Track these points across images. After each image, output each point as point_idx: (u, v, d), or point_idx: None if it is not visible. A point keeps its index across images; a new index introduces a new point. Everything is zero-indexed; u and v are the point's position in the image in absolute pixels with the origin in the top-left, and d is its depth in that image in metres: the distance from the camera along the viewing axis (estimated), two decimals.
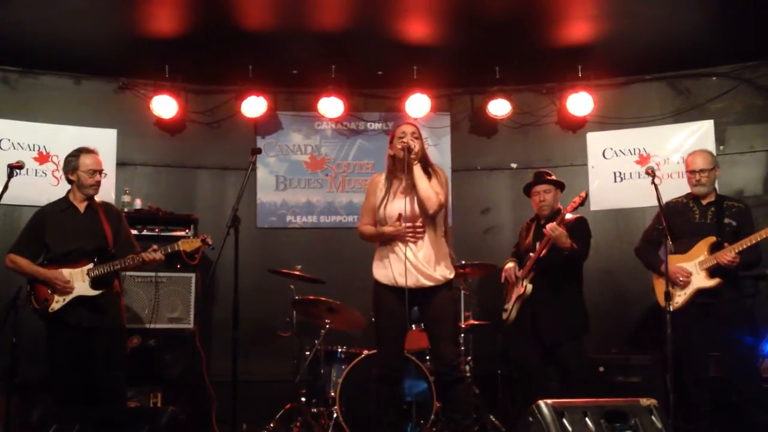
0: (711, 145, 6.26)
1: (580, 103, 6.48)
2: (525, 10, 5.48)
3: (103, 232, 4.68)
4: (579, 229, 5.12)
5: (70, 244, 4.62)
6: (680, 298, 4.76)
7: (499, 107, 6.59)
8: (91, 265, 4.58)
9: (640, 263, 6.29)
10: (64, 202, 4.76)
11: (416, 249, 4.14)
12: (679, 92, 6.56)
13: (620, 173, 6.60)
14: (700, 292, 4.71)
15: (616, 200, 6.55)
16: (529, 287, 5.10)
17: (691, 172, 4.94)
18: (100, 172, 4.74)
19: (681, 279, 4.75)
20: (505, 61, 6.41)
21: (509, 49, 6.13)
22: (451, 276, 4.26)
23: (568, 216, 5.01)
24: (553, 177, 5.34)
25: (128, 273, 5.55)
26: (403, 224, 4.15)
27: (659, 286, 4.84)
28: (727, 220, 4.81)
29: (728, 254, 4.59)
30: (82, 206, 4.73)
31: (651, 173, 4.65)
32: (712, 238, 4.74)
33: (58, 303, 4.53)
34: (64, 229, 4.66)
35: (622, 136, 6.63)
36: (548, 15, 5.57)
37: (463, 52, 6.22)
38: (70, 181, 4.74)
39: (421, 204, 4.13)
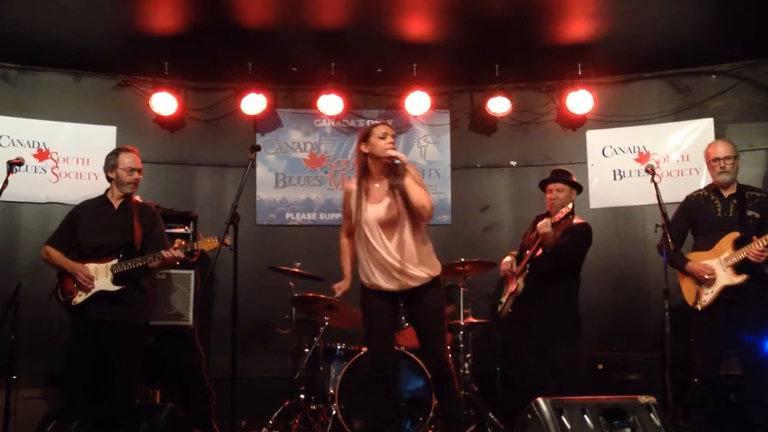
0: None
1: (579, 101, 6.47)
2: (525, 8, 5.48)
3: (132, 230, 4.73)
4: (575, 232, 5.08)
5: (100, 239, 4.69)
6: (707, 296, 4.68)
7: (498, 105, 6.58)
8: (115, 261, 4.63)
9: (639, 261, 6.31)
10: (100, 199, 4.86)
11: (398, 254, 4.09)
12: (679, 90, 6.56)
13: (620, 171, 6.60)
14: (727, 289, 4.62)
15: (616, 198, 6.55)
16: (521, 285, 5.09)
17: (714, 160, 4.83)
18: (139, 170, 4.83)
19: (706, 276, 4.66)
20: (504, 59, 6.41)
21: (509, 47, 6.13)
22: (437, 273, 4.22)
23: (575, 220, 4.98)
24: (572, 178, 5.28)
25: None
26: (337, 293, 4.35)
27: (685, 284, 4.81)
28: (750, 213, 4.70)
29: (757, 246, 4.50)
30: (117, 203, 4.81)
31: (651, 171, 4.64)
32: (736, 234, 4.65)
33: (80, 297, 4.59)
34: (96, 224, 4.75)
35: (621, 134, 6.63)
36: (548, 12, 5.57)
37: (462, 50, 6.22)
38: (109, 179, 4.83)
39: (417, 212, 4.05)
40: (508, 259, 5.36)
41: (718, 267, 4.67)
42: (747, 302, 4.62)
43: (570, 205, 4.86)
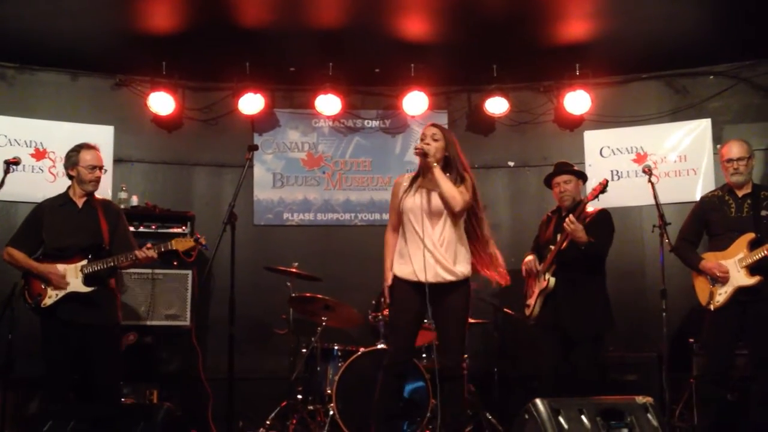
0: (708, 144, 6.28)
1: (577, 101, 6.48)
2: (523, 8, 5.48)
3: (99, 229, 4.65)
4: (600, 222, 5.04)
5: (66, 239, 4.60)
6: (721, 296, 4.66)
7: (496, 105, 6.58)
8: (84, 262, 4.55)
9: (636, 261, 6.30)
10: (62, 198, 4.74)
11: (439, 245, 4.16)
12: (677, 91, 6.57)
13: (617, 172, 6.60)
14: (741, 290, 4.60)
15: (613, 198, 6.50)
16: (552, 280, 4.99)
17: (728, 161, 4.79)
18: (101, 168, 4.74)
19: (718, 274, 4.64)
20: (502, 59, 6.41)
21: (507, 47, 6.13)
22: (469, 273, 4.27)
23: (590, 209, 4.97)
24: (575, 167, 5.27)
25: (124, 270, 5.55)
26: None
27: (699, 284, 4.80)
28: (764, 212, 4.68)
29: None
30: (80, 202, 4.70)
31: (648, 172, 4.64)
32: (751, 235, 4.61)
33: (50, 299, 4.51)
34: (61, 224, 4.64)
35: (619, 135, 6.63)
36: (546, 13, 5.57)
37: (460, 50, 6.22)
38: (70, 177, 4.72)
39: (446, 203, 4.15)
40: (530, 258, 5.24)
41: (733, 268, 4.64)
42: (761, 304, 4.59)
43: (603, 180, 4.81)
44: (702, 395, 4.76)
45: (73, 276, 4.53)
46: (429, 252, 4.14)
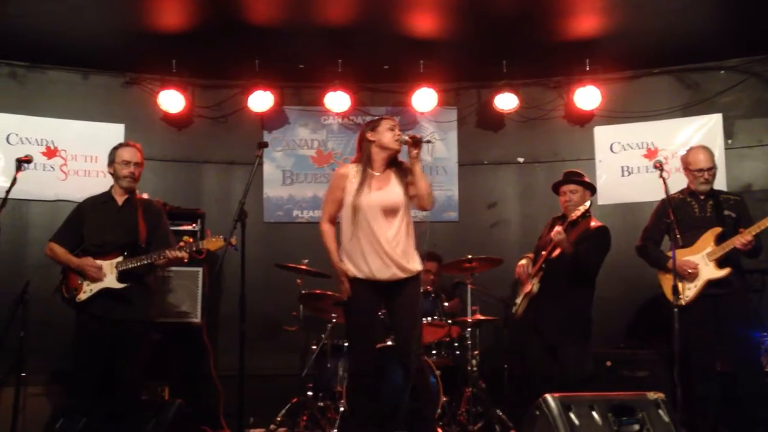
0: (719, 139, 6.24)
1: (587, 97, 6.46)
2: (532, 4, 5.47)
3: (136, 227, 4.72)
4: (593, 238, 5.09)
5: (104, 236, 4.68)
6: (690, 291, 4.71)
7: (506, 101, 6.57)
8: (120, 259, 4.61)
9: None
10: (105, 195, 4.84)
11: (394, 243, 4.14)
12: (687, 86, 6.54)
13: (628, 167, 6.58)
14: (710, 284, 4.67)
15: (624, 194, 6.52)
16: (536, 286, 5.10)
17: (698, 171, 4.86)
18: (135, 164, 4.78)
19: (689, 271, 4.70)
20: (512, 55, 6.39)
21: (516, 43, 6.12)
22: (420, 268, 4.25)
23: (593, 223, 5.04)
24: (584, 178, 5.30)
25: None
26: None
27: (666, 281, 4.81)
28: (726, 212, 4.78)
29: (745, 236, 4.53)
30: (121, 200, 4.78)
31: (659, 167, 4.63)
32: (718, 229, 4.71)
33: (85, 294, 4.58)
34: (100, 221, 4.73)
35: (629, 130, 6.60)
36: (555, 8, 5.56)
37: (470, 46, 6.21)
38: (112, 175, 4.82)
39: (422, 200, 4.15)
40: (523, 261, 5.36)
41: (701, 262, 4.72)
42: (733, 296, 4.66)
43: (587, 204, 4.93)
44: (701, 395, 4.74)
45: (108, 272, 4.60)
46: (385, 252, 4.12)
